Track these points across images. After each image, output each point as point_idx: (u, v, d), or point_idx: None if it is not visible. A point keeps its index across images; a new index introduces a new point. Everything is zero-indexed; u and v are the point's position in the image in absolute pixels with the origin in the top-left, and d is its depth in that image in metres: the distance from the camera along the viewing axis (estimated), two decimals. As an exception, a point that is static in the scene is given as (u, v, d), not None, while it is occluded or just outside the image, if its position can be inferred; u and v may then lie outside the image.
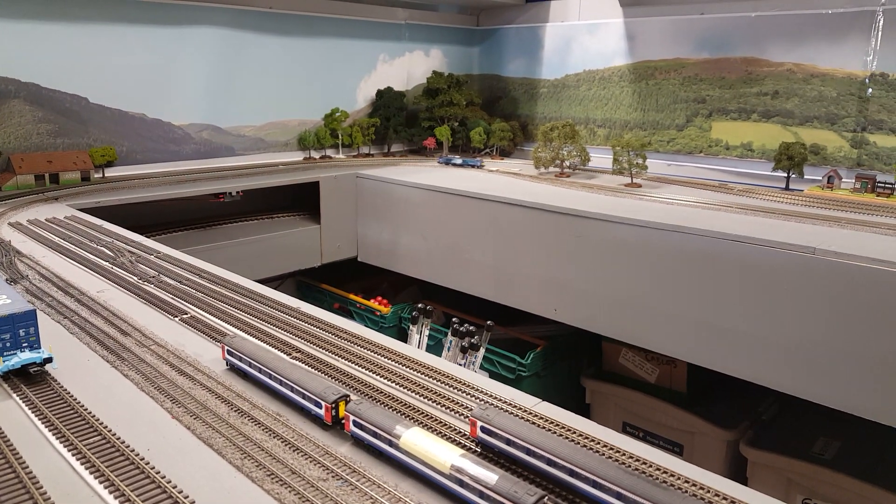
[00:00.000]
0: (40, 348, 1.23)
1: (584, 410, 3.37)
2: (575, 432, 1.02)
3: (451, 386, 1.22)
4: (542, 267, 2.99)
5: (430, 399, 1.17)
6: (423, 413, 1.11)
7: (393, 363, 1.32)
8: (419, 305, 2.33)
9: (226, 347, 1.27)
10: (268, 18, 3.84)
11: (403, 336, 3.73)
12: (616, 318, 2.81)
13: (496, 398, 1.17)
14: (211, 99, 3.67)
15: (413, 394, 1.19)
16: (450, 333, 2.25)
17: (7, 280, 1.71)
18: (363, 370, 1.29)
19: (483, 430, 0.95)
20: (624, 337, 2.88)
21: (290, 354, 1.35)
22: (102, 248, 2.04)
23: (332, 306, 3.98)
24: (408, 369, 1.29)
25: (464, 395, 1.19)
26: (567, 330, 3.16)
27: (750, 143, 3.71)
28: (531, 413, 1.10)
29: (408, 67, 4.68)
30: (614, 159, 3.48)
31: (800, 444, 2.69)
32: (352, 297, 3.89)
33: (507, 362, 3.12)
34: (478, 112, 4.68)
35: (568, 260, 2.89)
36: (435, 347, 3.11)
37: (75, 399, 1.14)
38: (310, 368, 1.27)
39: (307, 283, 4.17)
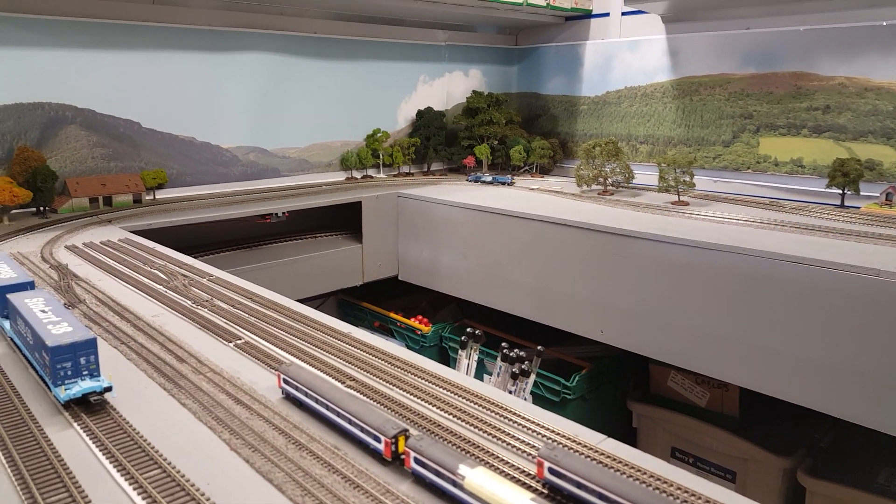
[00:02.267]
0: (100, 376, 1.24)
1: (630, 435, 3.29)
2: (646, 473, 0.98)
3: (511, 420, 1.19)
4: (587, 287, 2.94)
5: (491, 434, 1.14)
6: (483, 450, 1.08)
7: (449, 394, 1.29)
8: (468, 330, 2.30)
9: (282, 376, 1.27)
10: (312, 43, 3.90)
11: (444, 355, 3.71)
12: (664, 340, 2.74)
13: (559, 434, 1.13)
14: (257, 122, 3.74)
15: (472, 428, 1.16)
16: (499, 359, 2.21)
17: (65, 304, 1.74)
18: (419, 401, 1.27)
19: (551, 471, 0.92)
20: (672, 360, 2.81)
21: (344, 383, 1.34)
22: (156, 272, 2.07)
23: (372, 325, 3.98)
24: (465, 401, 1.27)
25: (524, 430, 1.16)
26: (612, 351, 3.09)
27: (800, 159, 3.60)
28: (597, 451, 1.06)
29: (447, 87, 4.70)
30: (660, 177, 3.42)
31: (862, 474, 2.57)
32: (392, 315, 3.89)
33: (552, 385, 3.07)
34: (517, 130, 4.66)
35: (614, 280, 2.83)
36: (477, 367, 3.07)
37: (134, 429, 1.14)
38: (367, 399, 1.26)
39: (348, 302, 4.18)
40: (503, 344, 2.12)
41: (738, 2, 3.65)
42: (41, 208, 2.93)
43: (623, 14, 4.47)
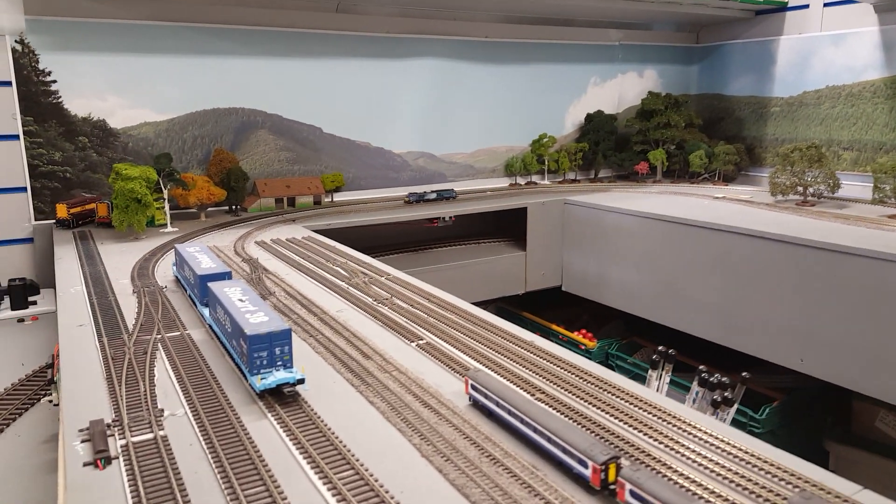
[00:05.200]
0: (293, 368, 1.23)
1: (828, 479, 2.86)
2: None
3: (737, 457, 1.01)
4: (786, 309, 2.60)
5: (716, 473, 0.97)
6: (709, 490, 0.92)
7: (655, 419, 1.14)
8: (660, 348, 2.11)
9: (470, 382, 1.19)
10: (482, 47, 3.88)
11: (609, 373, 3.48)
12: (876, 373, 2.35)
13: (800, 478, 0.94)
14: (427, 128, 3.78)
15: (691, 462, 1.00)
16: (695, 384, 1.99)
17: (259, 295, 1.80)
18: (620, 423, 1.13)
19: (819, 529, 0.74)
20: (884, 396, 2.40)
21: (533, 395, 1.23)
22: (337, 269, 2.11)
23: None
24: (675, 429, 1.10)
25: (756, 469, 0.97)
26: (808, 383, 2.71)
27: None
28: (859, 506, 0.86)
29: (619, 90, 4.47)
30: (875, 186, 2.98)
31: None
32: (554, 327, 3.73)
33: (737, 416, 2.74)
34: (696, 135, 4.32)
35: (821, 302, 2.48)
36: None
37: (326, 425, 1.11)
38: (563, 416, 1.14)
39: (508, 310, 4.09)
40: (701, 367, 1.90)
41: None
42: (233, 207, 3.14)
43: (825, 5, 3.98)
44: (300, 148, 3.39)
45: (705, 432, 1.08)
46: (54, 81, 2.84)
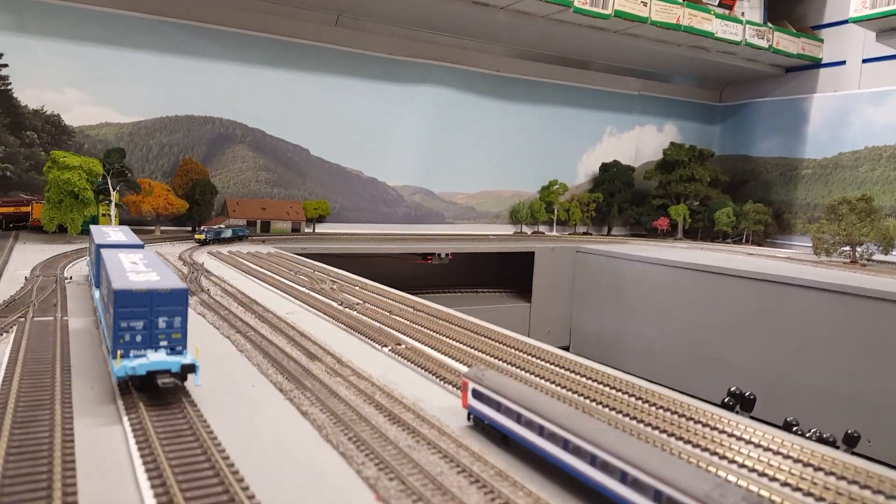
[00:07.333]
0: (184, 351, 0.76)
1: None
2: None
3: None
4: (851, 378, 2.12)
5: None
6: None
7: (751, 447, 0.66)
8: (731, 389, 1.63)
9: (471, 386, 0.71)
10: (492, 81, 3.57)
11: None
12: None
13: None
14: (427, 161, 3.41)
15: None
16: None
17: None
18: (705, 453, 0.65)
19: None
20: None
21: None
22: (302, 277, 1.65)
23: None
24: (794, 462, 0.63)
25: None
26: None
27: None
28: None
29: (637, 142, 4.14)
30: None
31: None
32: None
33: None
34: (721, 195, 3.96)
35: (891, 366, 2.00)
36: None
37: (216, 441, 0.63)
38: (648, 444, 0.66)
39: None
40: (790, 418, 1.42)
41: None
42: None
43: (864, 61, 3.72)
44: (283, 169, 3.00)
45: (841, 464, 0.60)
46: (5, 65, 2.48)
